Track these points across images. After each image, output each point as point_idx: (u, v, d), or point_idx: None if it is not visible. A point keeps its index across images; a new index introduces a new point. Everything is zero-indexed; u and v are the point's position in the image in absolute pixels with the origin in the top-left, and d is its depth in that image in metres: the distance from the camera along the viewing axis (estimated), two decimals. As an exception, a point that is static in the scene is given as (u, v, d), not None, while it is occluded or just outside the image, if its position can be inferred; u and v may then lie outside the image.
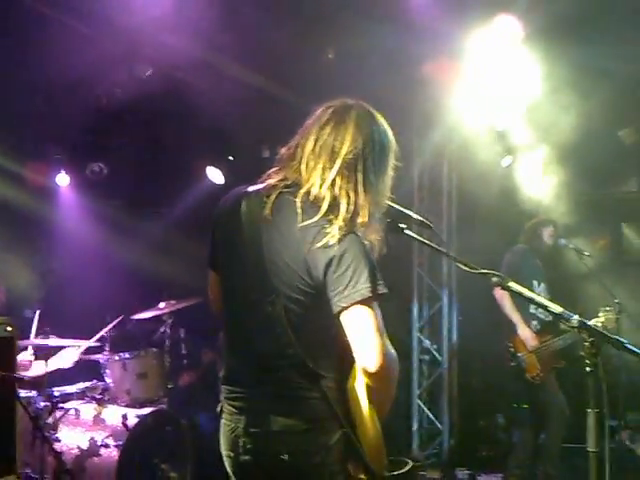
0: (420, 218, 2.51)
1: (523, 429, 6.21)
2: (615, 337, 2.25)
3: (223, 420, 2.44)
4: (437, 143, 7.63)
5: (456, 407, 7.94)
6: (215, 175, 7.95)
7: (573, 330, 2.26)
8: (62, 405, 5.41)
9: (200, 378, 7.21)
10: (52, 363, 5.39)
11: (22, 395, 4.94)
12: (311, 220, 2.23)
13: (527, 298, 2.41)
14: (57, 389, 5.45)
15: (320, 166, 2.31)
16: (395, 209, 2.48)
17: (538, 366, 5.75)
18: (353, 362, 2.24)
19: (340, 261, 2.18)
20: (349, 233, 2.22)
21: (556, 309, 2.33)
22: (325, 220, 2.23)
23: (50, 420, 5.25)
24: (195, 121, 7.03)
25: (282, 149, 2.44)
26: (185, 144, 7.51)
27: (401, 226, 2.48)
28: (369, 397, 2.29)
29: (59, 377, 5.57)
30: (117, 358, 5.78)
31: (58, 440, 5.20)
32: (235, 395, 2.38)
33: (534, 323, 5.88)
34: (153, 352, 6.02)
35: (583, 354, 2.23)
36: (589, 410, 2.22)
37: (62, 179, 7.62)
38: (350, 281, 2.17)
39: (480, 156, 6.93)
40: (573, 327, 2.24)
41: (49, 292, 7.00)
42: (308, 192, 2.29)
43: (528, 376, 5.77)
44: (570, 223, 6.81)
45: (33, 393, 5.23)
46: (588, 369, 2.21)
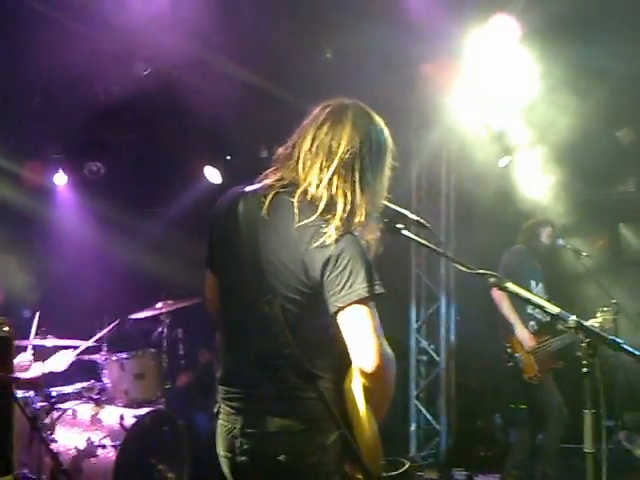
0: (417, 218, 2.50)
1: (521, 429, 6.21)
2: (612, 338, 2.25)
3: (220, 421, 2.43)
4: (435, 143, 7.63)
5: (454, 407, 7.93)
6: (213, 175, 7.94)
7: (570, 331, 2.26)
8: (59, 405, 5.41)
9: (197, 378, 7.21)
10: (46, 366, 5.38)
11: (19, 395, 4.93)
12: (308, 220, 2.23)
13: (524, 299, 2.41)
14: (54, 389, 5.45)
15: (317, 166, 2.31)
16: (392, 209, 2.47)
17: (535, 366, 5.75)
18: (350, 363, 2.24)
19: (337, 261, 2.18)
20: (346, 233, 2.22)
21: (553, 310, 2.33)
22: (322, 220, 2.23)
23: (47, 420, 5.24)
24: (193, 121, 7.04)
25: (279, 149, 2.44)
26: (183, 144, 7.51)
27: (398, 226, 2.48)
28: (366, 398, 2.28)
29: (56, 377, 5.56)
30: (115, 358, 5.77)
31: (55, 440, 5.20)
32: (232, 396, 2.38)
33: (532, 323, 5.88)
34: (151, 352, 6.01)
35: (580, 355, 2.23)
36: (586, 411, 2.22)
37: (60, 178, 7.62)
38: (347, 281, 2.17)
39: (478, 156, 6.93)
40: (570, 328, 2.24)
41: (47, 292, 6.99)
42: (305, 192, 2.29)
43: (526, 376, 5.77)
44: (568, 223, 6.81)
45: (30, 393, 5.22)
46: (585, 370, 2.21)
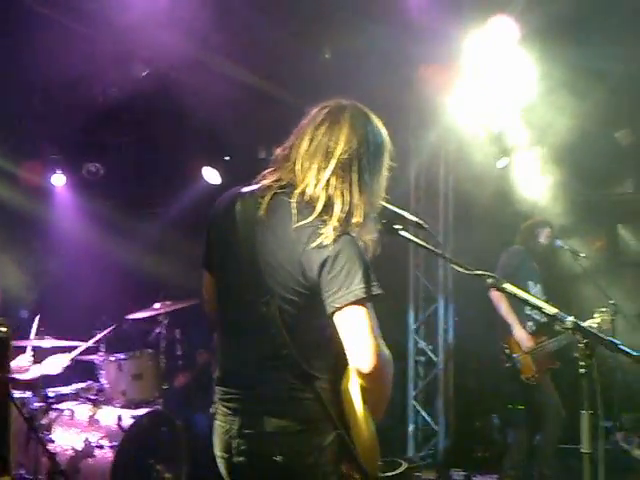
0: (415, 219, 2.50)
1: (518, 430, 6.21)
2: (609, 338, 2.25)
3: (217, 421, 2.43)
4: (433, 144, 7.63)
5: (452, 408, 7.94)
6: (211, 175, 7.94)
7: (568, 331, 2.26)
8: (57, 406, 5.40)
9: (195, 379, 7.20)
10: (41, 368, 5.37)
11: (16, 396, 4.93)
12: (306, 221, 2.23)
13: (522, 299, 2.41)
14: (52, 390, 5.45)
15: (315, 166, 2.30)
16: (390, 210, 2.47)
17: (533, 367, 5.75)
18: (348, 363, 2.23)
19: (334, 262, 2.18)
20: (344, 234, 2.22)
21: (550, 310, 2.33)
22: (320, 220, 2.23)
23: (44, 421, 5.24)
24: (192, 121, 7.03)
25: (277, 150, 2.44)
26: (181, 144, 7.50)
27: (396, 227, 2.47)
28: (363, 398, 2.28)
29: (54, 378, 5.55)
30: (112, 359, 5.76)
31: (52, 441, 5.19)
32: (229, 396, 2.37)
33: (529, 324, 5.88)
34: (148, 353, 6.00)
35: (577, 355, 2.23)
36: (583, 411, 2.22)
37: (58, 179, 7.60)
38: (344, 282, 2.17)
39: (476, 157, 6.93)
40: (567, 328, 2.24)
41: (45, 293, 6.99)
42: (303, 192, 2.29)
43: (523, 377, 5.77)
44: (566, 224, 6.81)
45: (28, 394, 5.21)
46: (582, 370, 2.21)
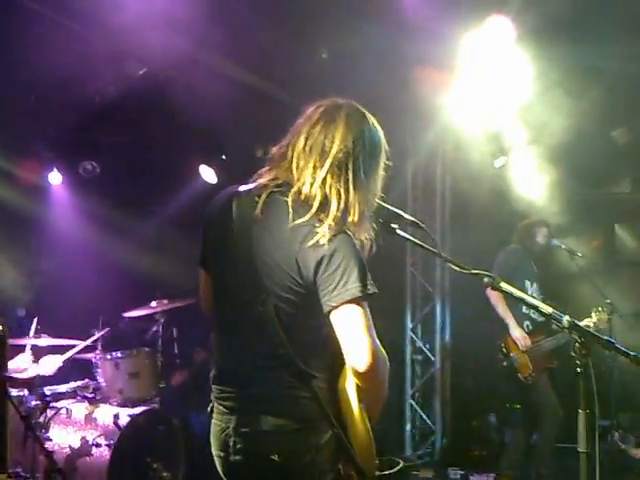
0: (412, 218, 2.50)
1: (516, 429, 6.22)
2: (605, 338, 2.26)
3: (214, 420, 2.43)
4: (431, 143, 7.65)
5: (449, 407, 7.95)
6: (208, 174, 7.93)
7: (564, 330, 2.27)
8: (54, 404, 5.40)
9: (193, 377, 7.19)
10: (35, 369, 5.36)
11: (13, 394, 4.93)
12: (302, 219, 2.23)
13: (518, 298, 2.41)
14: (48, 388, 5.44)
15: (311, 165, 2.30)
16: (387, 209, 2.47)
17: (530, 366, 5.75)
18: (344, 362, 2.23)
19: (330, 260, 2.18)
20: (340, 232, 2.22)
21: (547, 309, 2.33)
22: (316, 219, 2.23)
23: (41, 419, 5.24)
24: (189, 120, 7.01)
25: (273, 149, 2.44)
26: (178, 143, 7.48)
27: (393, 226, 2.47)
28: (360, 397, 2.28)
29: (51, 376, 5.55)
30: (109, 357, 5.76)
31: (49, 439, 5.20)
32: (225, 395, 2.37)
33: (526, 323, 5.89)
34: (145, 351, 5.99)
35: (573, 354, 2.23)
36: (580, 411, 2.22)
37: (54, 178, 7.58)
38: (340, 280, 2.17)
39: (473, 156, 6.95)
40: (563, 327, 2.25)
41: (41, 291, 6.98)
42: (299, 191, 2.29)
43: (520, 376, 5.77)
44: (563, 223, 6.82)
45: (24, 392, 5.21)
46: (578, 370, 2.22)
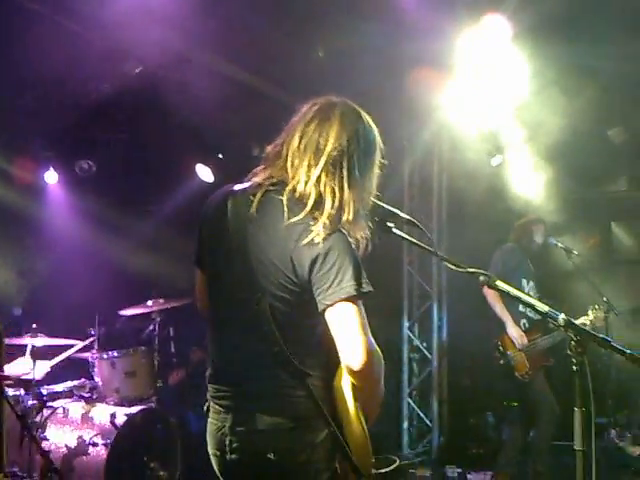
0: (408, 217, 2.49)
1: (513, 427, 6.22)
2: (601, 336, 2.25)
3: (210, 419, 2.43)
4: (427, 142, 7.65)
5: (446, 405, 7.95)
6: (204, 173, 7.93)
7: (560, 329, 2.26)
8: (50, 404, 5.39)
9: (189, 376, 7.19)
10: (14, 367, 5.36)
11: (10, 394, 4.92)
12: (297, 218, 2.23)
13: (514, 297, 2.41)
14: (45, 388, 5.43)
15: (305, 163, 2.30)
16: (383, 208, 2.46)
17: (527, 364, 5.76)
18: (340, 361, 2.23)
19: (325, 259, 2.18)
20: (335, 231, 2.21)
21: (543, 308, 2.33)
22: (310, 218, 2.23)
23: (38, 419, 5.23)
24: (185, 119, 7.01)
25: (268, 147, 2.44)
26: (175, 142, 7.47)
27: (389, 225, 2.47)
28: (355, 396, 2.28)
29: (47, 376, 5.54)
30: (105, 356, 5.75)
31: (46, 439, 5.19)
32: (221, 394, 2.37)
33: (523, 321, 5.90)
34: (142, 350, 5.99)
35: (569, 352, 2.23)
36: (576, 408, 2.22)
37: (50, 176, 7.56)
38: (335, 279, 2.17)
39: (470, 155, 6.95)
40: (559, 326, 2.24)
41: (38, 290, 6.97)
42: (294, 189, 2.29)
43: (517, 374, 5.78)
44: (560, 222, 6.83)
45: (21, 391, 5.21)
46: (574, 367, 2.21)
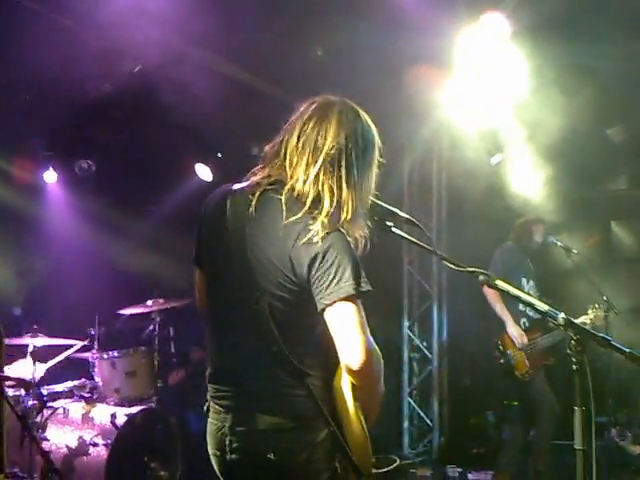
0: (407, 216, 2.48)
1: (513, 426, 6.22)
2: (601, 335, 2.25)
3: (210, 419, 2.43)
4: (426, 140, 7.65)
5: (446, 405, 7.95)
6: (204, 172, 7.92)
7: (560, 328, 2.26)
8: (50, 404, 5.40)
9: (189, 376, 7.19)
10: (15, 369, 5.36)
11: (10, 394, 4.92)
12: (295, 217, 2.22)
13: (514, 296, 2.41)
14: (45, 388, 5.43)
15: (303, 162, 2.30)
16: (382, 207, 2.46)
17: (527, 363, 5.76)
18: (339, 360, 2.23)
19: (324, 258, 2.17)
20: (333, 230, 2.21)
21: (542, 307, 2.32)
22: (309, 217, 2.22)
23: (38, 419, 5.23)
24: (184, 118, 7.00)
25: (266, 146, 2.43)
26: (174, 141, 7.47)
27: (388, 224, 2.46)
28: (355, 395, 2.28)
29: (47, 376, 5.54)
30: (106, 357, 5.76)
31: (46, 439, 5.20)
32: (221, 394, 2.37)
33: (523, 321, 5.89)
34: (142, 350, 5.99)
35: (569, 352, 2.22)
36: (576, 408, 2.22)
37: (50, 176, 7.56)
38: (334, 278, 2.16)
39: (469, 153, 6.94)
40: (559, 325, 2.24)
41: (37, 290, 6.97)
42: (292, 188, 2.29)
43: (517, 373, 5.78)
44: (559, 221, 6.82)
45: (21, 392, 5.20)
46: (574, 367, 2.21)
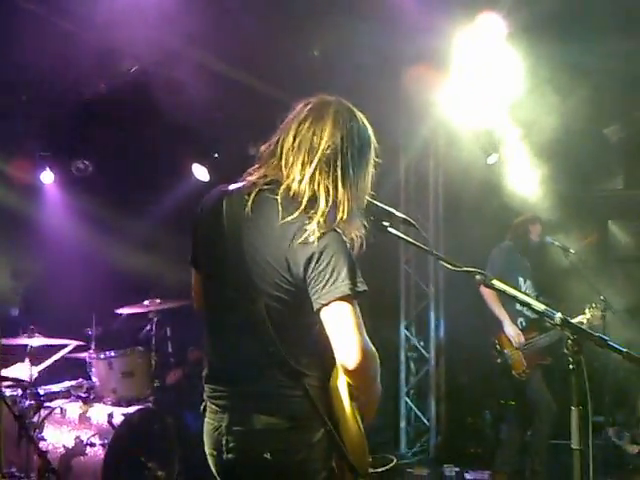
0: (403, 216, 2.49)
1: (510, 426, 6.23)
2: (598, 334, 2.25)
3: (206, 419, 2.43)
4: (423, 140, 7.65)
5: (443, 404, 7.96)
6: (201, 172, 7.92)
7: (557, 327, 2.26)
8: (47, 404, 5.37)
9: (186, 376, 7.18)
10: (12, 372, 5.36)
11: (7, 394, 4.91)
12: (291, 217, 2.22)
13: (510, 296, 2.41)
14: (42, 388, 5.42)
15: (299, 162, 2.30)
16: (378, 207, 2.46)
17: (524, 363, 5.77)
18: (336, 360, 2.22)
19: (320, 258, 2.17)
20: (329, 230, 2.21)
21: (539, 306, 2.33)
22: (305, 216, 2.22)
23: (35, 419, 5.22)
24: (181, 118, 6.99)
25: (263, 146, 2.43)
26: (170, 141, 7.46)
27: (384, 224, 2.46)
28: (351, 395, 2.28)
29: (44, 376, 5.53)
30: (102, 356, 5.74)
31: (43, 439, 5.18)
32: (218, 394, 2.37)
33: (520, 320, 5.90)
34: (139, 350, 5.97)
35: (566, 351, 2.23)
36: (573, 407, 2.22)
37: (47, 176, 7.54)
38: (330, 278, 2.17)
39: (466, 152, 6.95)
40: (556, 324, 2.24)
41: (34, 291, 6.96)
42: (288, 188, 2.28)
43: (514, 373, 5.79)
44: (556, 220, 6.83)
45: (18, 392, 5.20)
46: (571, 366, 2.21)
